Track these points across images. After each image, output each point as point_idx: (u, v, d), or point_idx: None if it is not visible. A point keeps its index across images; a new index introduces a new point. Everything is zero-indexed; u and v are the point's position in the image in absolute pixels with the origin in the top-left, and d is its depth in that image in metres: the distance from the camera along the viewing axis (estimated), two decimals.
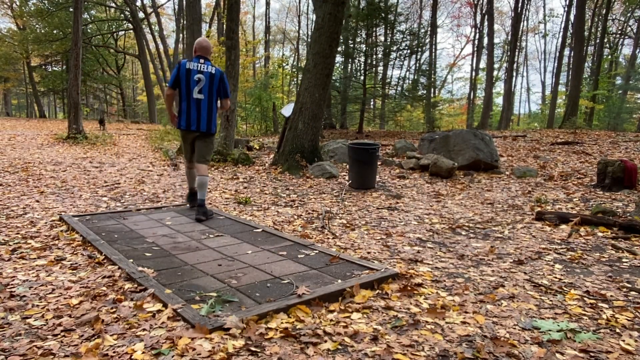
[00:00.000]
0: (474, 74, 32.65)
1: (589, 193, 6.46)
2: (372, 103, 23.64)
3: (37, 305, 2.50)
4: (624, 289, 2.95)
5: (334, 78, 17.02)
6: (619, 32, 30.66)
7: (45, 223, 4.39)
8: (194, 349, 2.00)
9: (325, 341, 2.15)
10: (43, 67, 33.84)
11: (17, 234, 3.98)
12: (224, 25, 13.35)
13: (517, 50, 28.40)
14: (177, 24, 28.34)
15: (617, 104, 25.99)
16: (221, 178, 7.74)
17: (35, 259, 3.34)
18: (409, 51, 18.93)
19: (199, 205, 4.56)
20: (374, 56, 18.76)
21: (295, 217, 4.99)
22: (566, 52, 27.56)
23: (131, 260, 3.20)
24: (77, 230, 4.02)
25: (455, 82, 49.23)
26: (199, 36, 11.48)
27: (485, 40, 27.06)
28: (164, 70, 30.99)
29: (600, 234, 4.38)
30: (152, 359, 1.96)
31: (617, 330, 2.35)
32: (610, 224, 4.53)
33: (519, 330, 2.33)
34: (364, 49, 18.29)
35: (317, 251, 3.55)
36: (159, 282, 2.80)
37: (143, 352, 1.99)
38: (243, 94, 18.87)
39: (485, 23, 27.03)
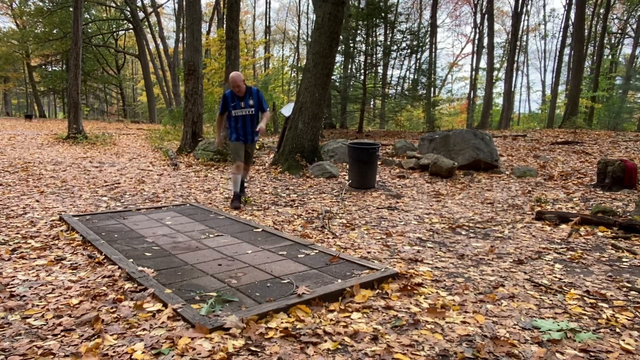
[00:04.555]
0: (474, 73, 32.64)
1: (589, 193, 6.45)
2: (372, 103, 23.62)
3: (37, 305, 2.50)
4: (624, 289, 2.95)
5: (334, 78, 17.01)
6: (619, 31, 30.65)
7: (45, 223, 4.39)
8: (194, 349, 2.00)
9: (325, 341, 2.15)
10: (43, 67, 33.81)
11: (17, 233, 3.98)
12: (224, 25, 13.36)
13: (517, 49, 28.39)
14: (177, 24, 28.35)
15: (617, 104, 25.97)
16: (221, 178, 7.74)
17: (35, 258, 3.34)
18: (409, 51, 18.90)
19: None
20: (374, 56, 18.74)
21: (295, 216, 4.99)
22: (566, 51, 27.55)
23: (131, 260, 3.20)
24: (77, 230, 4.02)
25: (456, 81, 49.22)
26: (199, 36, 11.51)
27: (486, 40, 27.05)
28: (164, 70, 30.99)
29: (600, 234, 4.38)
30: (152, 358, 1.96)
31: (617, 330, 2.35)
32: (610, 224, 4.53)
33: (519, 329, 2.33)
34: (364, 48, 18.27)
35: (317, 251, 3.55)
36: (159, 282, 2.80)
37: (143, 352, 1.99)
38: None
39: (485, 23, 27.03)
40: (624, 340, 2.22)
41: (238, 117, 5.41)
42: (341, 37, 12.75)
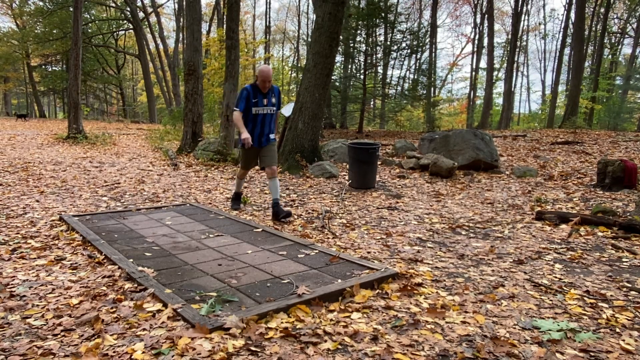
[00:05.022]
0: (474, 73, 32.64)
1: (589, 193, 6.45)
2: (372, 103, 23.63)
3: (37, 305, 2.50)
4: (624, 289, 2.95)
5: (334, 78, 17.02)
6: (619, 31, 30.64)
7: (45, 223, 4.39)
8: (194, 349, 2.00)
9: (325, 341, 2.15)
10: (43, 67, 33.81)
11: (17, 233, 3.98)
12: (224, 25, 13.36)
13: (517, 50, 28.39)
14: (177, 24, 28.34)
15: (617, 104, 25.97)
16: (221, 178, 7.74)
17: (35, 258, 3.34)
18: (409, 51, 18.92)
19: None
20: (374, 56, 18.75)
21: (295, 216, 4.99)
22: (566, 51, 27.55)
23: (131, 260, 3.20)
24: (77, 230, 4.02)
25: (456, 82, 49.20)
26: (199, 36, 11.50)
27: (486, 40, 27.06)
28: (164, 70, 30.98)
29: (600, 234, 4.38)
30: (152, 358, 1.96)
31: (617, 330, 2.35)
32: (610, 224, 4.53)
33: (519, 329, 2.33)
34: (364, 48, 18.28)
35: (317, 251, 3.55)
36: (159, 282, 2.80)
37: (143, 352, 1.99)
38: None
39: (485, 23, 27.03)
40: (624, 340, 2.22)
41: (257, 115, 4.78)
42: (341, 37, 12.76)
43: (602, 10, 25.58)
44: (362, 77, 18.23)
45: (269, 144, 4.97)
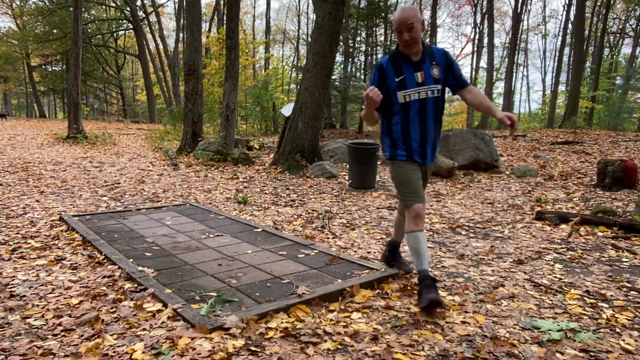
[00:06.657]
0: (474, 73, 32.63)
1: (589, 193, 6.45)
2: None
3: (37, 305, 2.50)
4: (624, 289, 2.94)
5: (334, 78, 17.03)
6: (619, 31, 30.64)
7: (45, 223, 4.39)
8: (194, 349, 2.00)
9: (325, 341, 2.15)
10: (43, 66, 33.82)
11: (17, 233, 3.98)
12: (224, 25, 13.37)
13: (517, 49, 28.38)
14: (177, 24, 28.35)
15: (617, 104, 25.97)
16: (221, 178, 7.74)
17: (35, 258, 3.34)
18: None
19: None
20: (374, 56, 18.77)
21: (295, 216, 4.99)
22: (566, 51, 27.55)
23: (131, 260, 3.20)
24: (77, 230, 4.02)
25: None
26: (199, 36, 11.45)
27: (486, 40, 27.06)
28: (164, 70, 30.98)
29: (600, 234, 4.38)
30: (152, 358, 1.96)
31: (617, 330, 2.35)
32: (610, 224, 4.53)
33: (519, 329, 2.33)
34: (364, 48, 18.30)
35: (317, 251, 3.55)
36: (159, 282, 2.80)
37: (143, 352, 1.99)
38: (243, 94, 18.88)
39: (486, 23, 27.03)
40: (624, 340, 2.22)
41: (410, 104, 2.60)
42: (341, 37, 12.76)
43: (603, 10, 25.57)
44: (362, 77, 18.23)
45: (433, 162, 2.83)
